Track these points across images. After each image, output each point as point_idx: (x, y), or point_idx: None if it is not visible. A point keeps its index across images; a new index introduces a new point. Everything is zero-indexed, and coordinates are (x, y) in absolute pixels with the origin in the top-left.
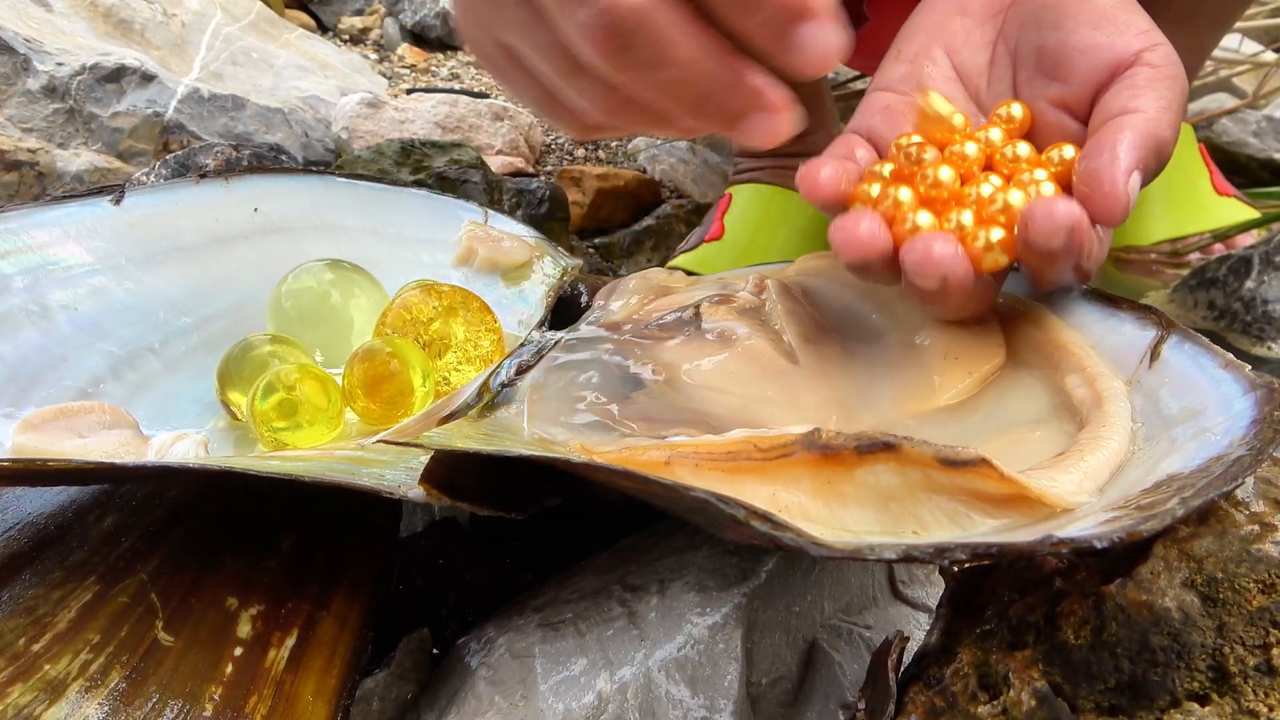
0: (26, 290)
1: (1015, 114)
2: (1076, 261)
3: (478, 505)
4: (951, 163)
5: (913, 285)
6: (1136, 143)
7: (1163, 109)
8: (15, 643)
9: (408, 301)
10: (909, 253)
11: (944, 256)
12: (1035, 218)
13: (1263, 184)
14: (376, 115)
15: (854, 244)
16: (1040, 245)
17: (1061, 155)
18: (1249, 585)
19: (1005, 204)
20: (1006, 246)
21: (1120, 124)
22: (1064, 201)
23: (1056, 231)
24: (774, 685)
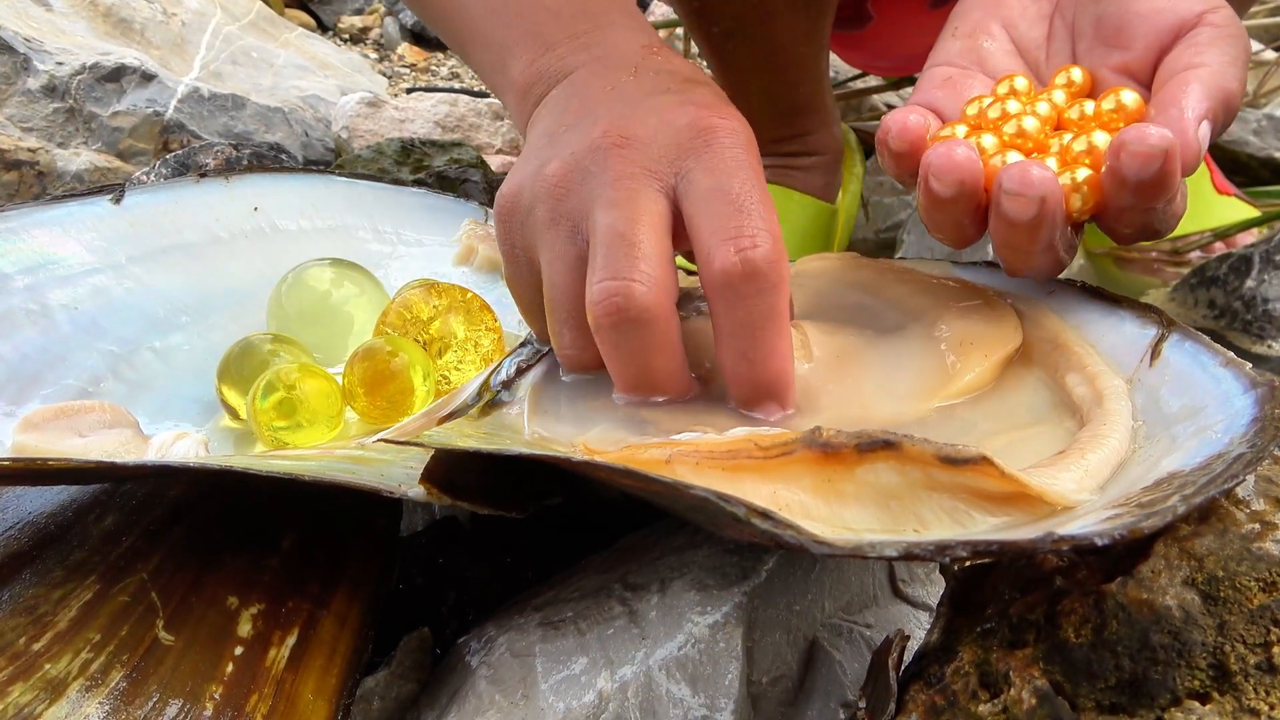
0: (27, 289)
1: (1076, 78)
2: (1159, 200)
3: (478, 504)
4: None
5: (1004, 219)
6: (1204, 94)
7: (1228, 63)
8: (16, 642)
9: (408, 300)
10: (1006, 175)
11: (1043, 178)
12: (1128, 141)
13: (1263, 183)
14: (376, 114)
15: (952, 166)
16: (1132, 171)
17: (1119, 100)
18: (1250, 583)
19: (1090, 145)
20: (1093, 187)
21: (1186, 77)
22: (1156, 127)
23: (1152, 155)
24: (775, 684)
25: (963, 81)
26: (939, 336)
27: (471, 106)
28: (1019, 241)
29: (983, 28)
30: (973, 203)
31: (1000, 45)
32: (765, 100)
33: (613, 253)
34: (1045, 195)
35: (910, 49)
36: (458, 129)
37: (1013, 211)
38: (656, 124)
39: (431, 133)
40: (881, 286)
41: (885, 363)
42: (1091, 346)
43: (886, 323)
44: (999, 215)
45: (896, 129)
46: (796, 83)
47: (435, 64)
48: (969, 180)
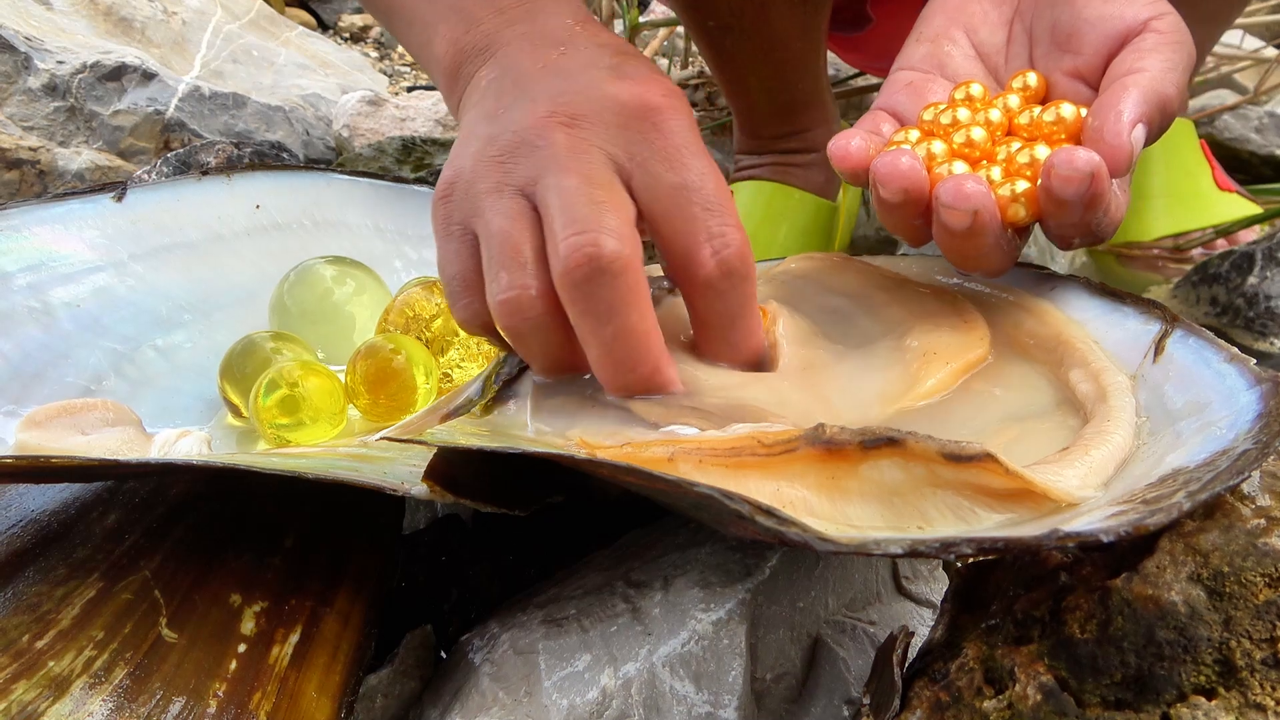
0: (29, 287)
1: (1031, 83)
2: (1095, 214)
3: (481, 502)
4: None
5: (943, 226)
6: (1140, 99)
7: (1167, 69)
8: (19, 639)
9: (410, 298)
10: (942, 188)
11: (976, 192)
12: (1056, 164)
13: (1264, 180)
14: (377, 113)
15: (897, 175)
16: (1060, 192)
17: (1059, 113)
18: (1255, 579)
19: (1032, 158)
20: (1030, 199)
21: (1125, 83)
22: (1084, 150)
23: (1077, 176)
24: (778, 681)
25: (924, 86)
26: (907, 347)
27: None
28: (958, 246)
29: (945, 33)
30: (920, 207)
31: (962, 50)
32: (764, 97)
33: (576, 210)
34: (978, 208)
35: None
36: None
37: (949, 222)
38: (599, 101)
39: (432, 131)
40: (863, 293)
41: (853, 371)
42: (1095, 342)
43: (862, 331)
44: (938, 223)
45: (837, 155)
46: (794, 79)
47: None
48: (913, 188)
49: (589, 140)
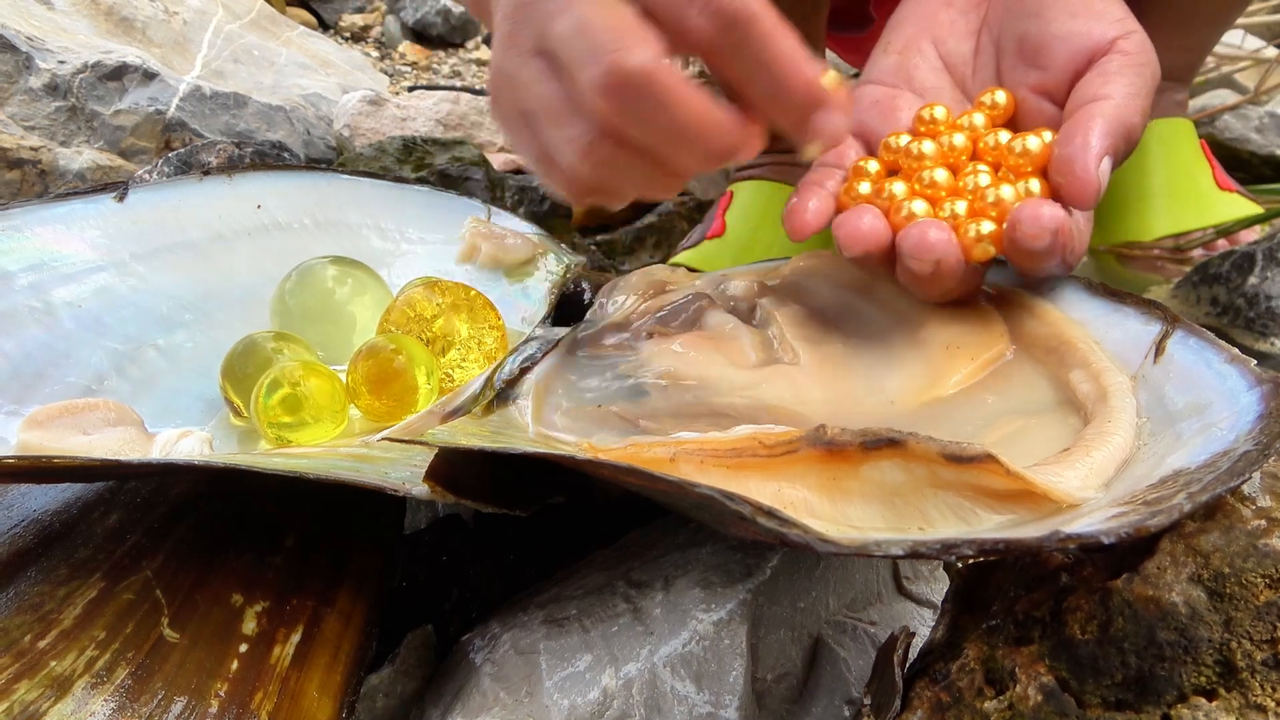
0: (30, 287)
1: (999, 100)
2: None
3: (481, 503)
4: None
5: (907, 270)
6: (1106, 130)
7: (1131, 95)
8: (21, 639)
9: (411, 298)
10: (905, 239)
11: (938, 242)
12: (1022, 220)
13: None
14: (378, 113)
15: (858, 238)
16: (1026, 245)
17: (1025, 145)
18: (1256, 580)
19: (997, 198)
20: (995, 239)
21: (1091, 111)
22: (1049, 205)
23: (1042, 233)
24: (779, 681)
25: (890, 104)
26: (925, 340)
27: (473, 104)
28: (922, 288)
29: (914, 44)
30: (885, 256)
31: (929, 62)
32: None
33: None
34: (940, 258)
35: None
36: (459, 127)
37: (913, 269)
38: None
39: (433, 131)
40: (871, 287)
41: (872, 366)
42: (1095, 343)
43: (874, 324)
44: (902, 267)
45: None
46: None
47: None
48: (875, 248)
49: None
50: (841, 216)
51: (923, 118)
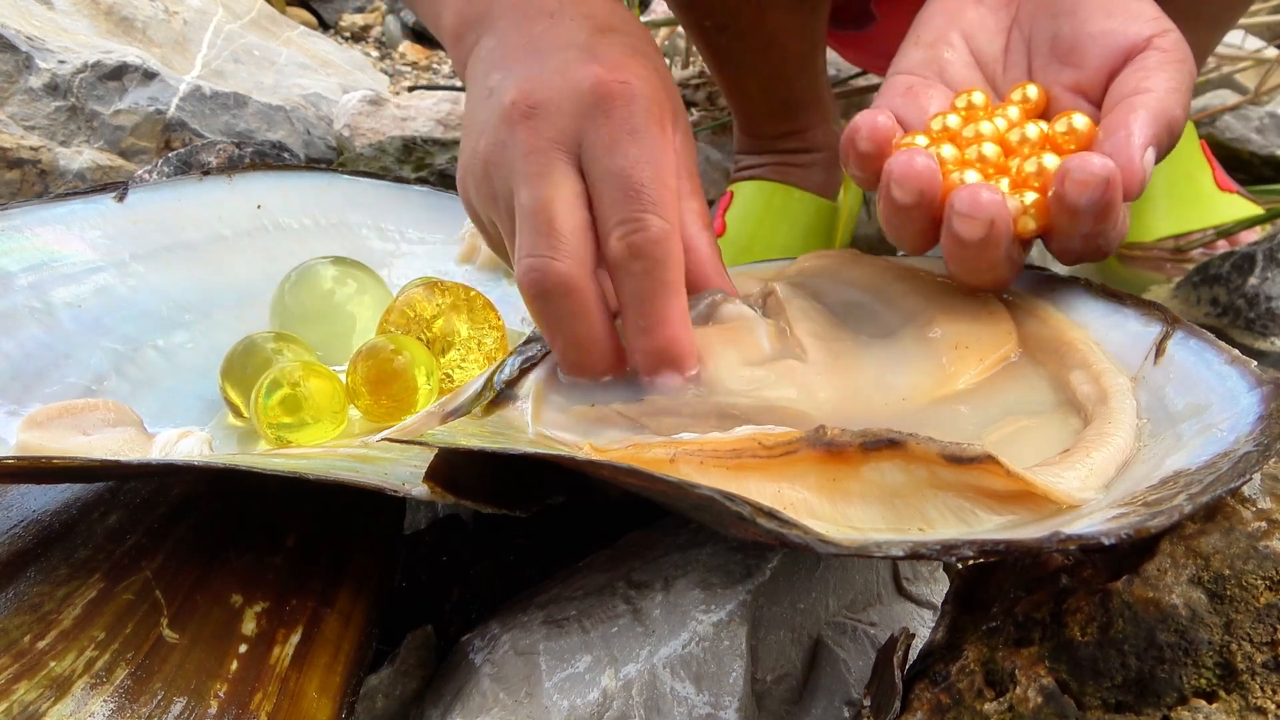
0: (30, 287)
1: (1031, 95)
2: (1101, 225)
3: (481, 503)
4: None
5: (954, 236)
6: (1149, 120)
7: (1172, 89)
8: (20, 640)
9: (411, 299)
10: (958, 197)
11: (992, 202)
12: (1072, 169)
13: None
14: (378, 113)
15: (913, 175)
16: (1075, 198)
17: (1070, 124)
18: (1256, 582)
19: (1040, 168)
20: (1040, 210)
21: (1134, 103)
22: (1099, 156)
23: (1093, 181)
24: (779, 682)
25: (923, 91)
26: (934, 338)
27: None
28: (967, 257)
29: (943, 38)
30: (930, 211)
31: (960, 56)
32: (762, 96)
33: (529, 232)
34: (994, 218)
35: None
36: (459, 127)
37: (963, 231)
38: (560, 87)
39: (433, 131)
40: (879, 285)
41: (881, 364)
42: (1095, 344)
43: (883, 322)
44: (950, 232)
45: (866, 129)
46: (793, 78)
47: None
48: (928, 190)
49: (545, 134)
50: (896, 155)
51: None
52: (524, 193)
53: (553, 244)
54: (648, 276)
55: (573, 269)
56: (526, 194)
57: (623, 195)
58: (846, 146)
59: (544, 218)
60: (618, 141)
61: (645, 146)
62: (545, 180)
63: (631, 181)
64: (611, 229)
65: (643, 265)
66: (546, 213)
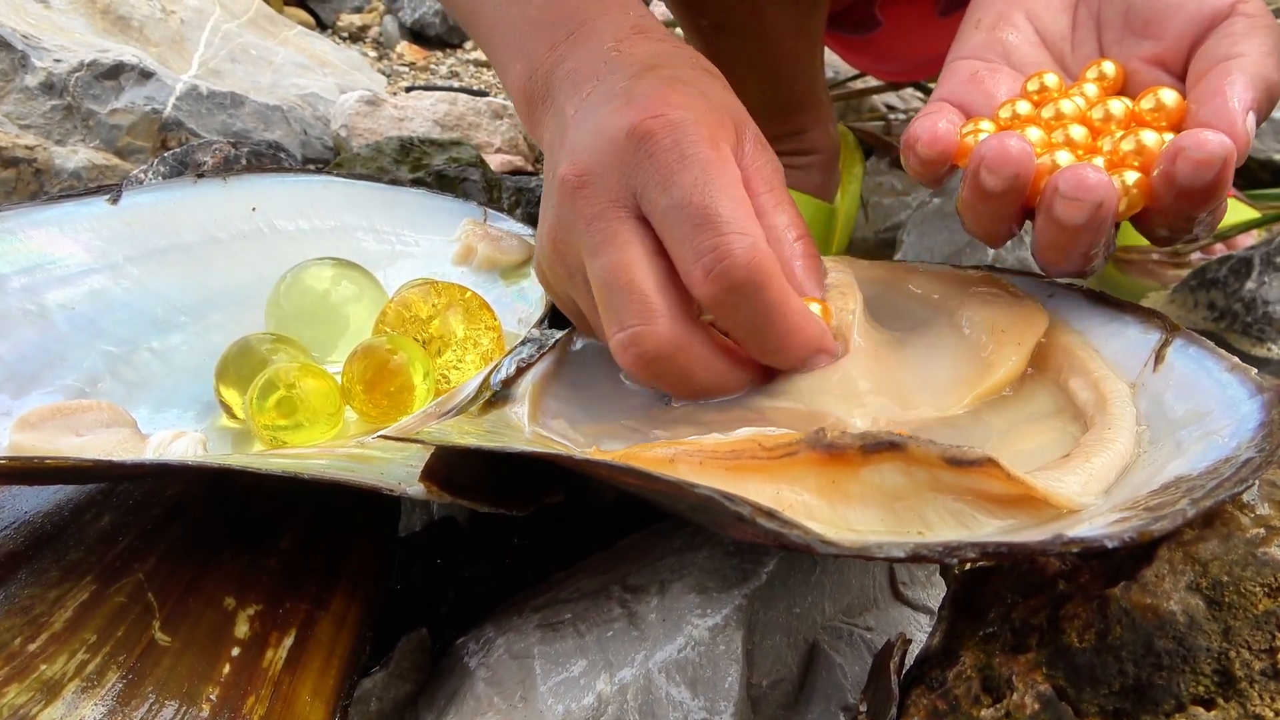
0: (24, 289)
1: (1108, 71)
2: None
3: (478, 502)
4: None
5: (1054, 220)
6: (1248, 83)
7: (1267, 53)
8: (11, 643)
9: (407, 299)
10: (1063, 179)
11: (1100, 183)
12: (1188, 147)
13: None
14: (375, 113)
15: (1009, 160)
16: (1188, 178)
17: (1158, 98)
18: (1255, 589)
19: (1140, 145)
20: (1144, 189)
21: (1228, 68)
22: (1213, 132)
23: (1211, 160)
24: (775, 687)
25: (989, 77)
26: (968, 325)
27: (471, 105)
28: (1066, 243)
29: (1006, 18)
30: (1020, 198)
31: (1025, 37)
32: (760, 97)
33: (612, 304)
34: (1101, 200)
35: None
36: (457, 128)
37: (1065, 215)
38: (600, 147)
39: (430, 131)
40: (895, 280)
41: (920, 355)
42: (1095, 351)
43: (913, 315)
44: (1050, 217)
45: (927, 137)
46: (790, 79)
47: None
48: (1023, 174)
49: (599, 199)
50: (989, 139)
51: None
52: (595, 264)
53: (640, 310)
54: (749, 304)
55: (669, 328)
56: (598, 265)
57: (691, 228)
58: (906, 152)
59: (622, 283)
60: (669, 174)
61: (699, 169)
62: (612, 245)
63: (694, 209)
64: (692, 268)
65: (739, 296)
66: (624, 277)
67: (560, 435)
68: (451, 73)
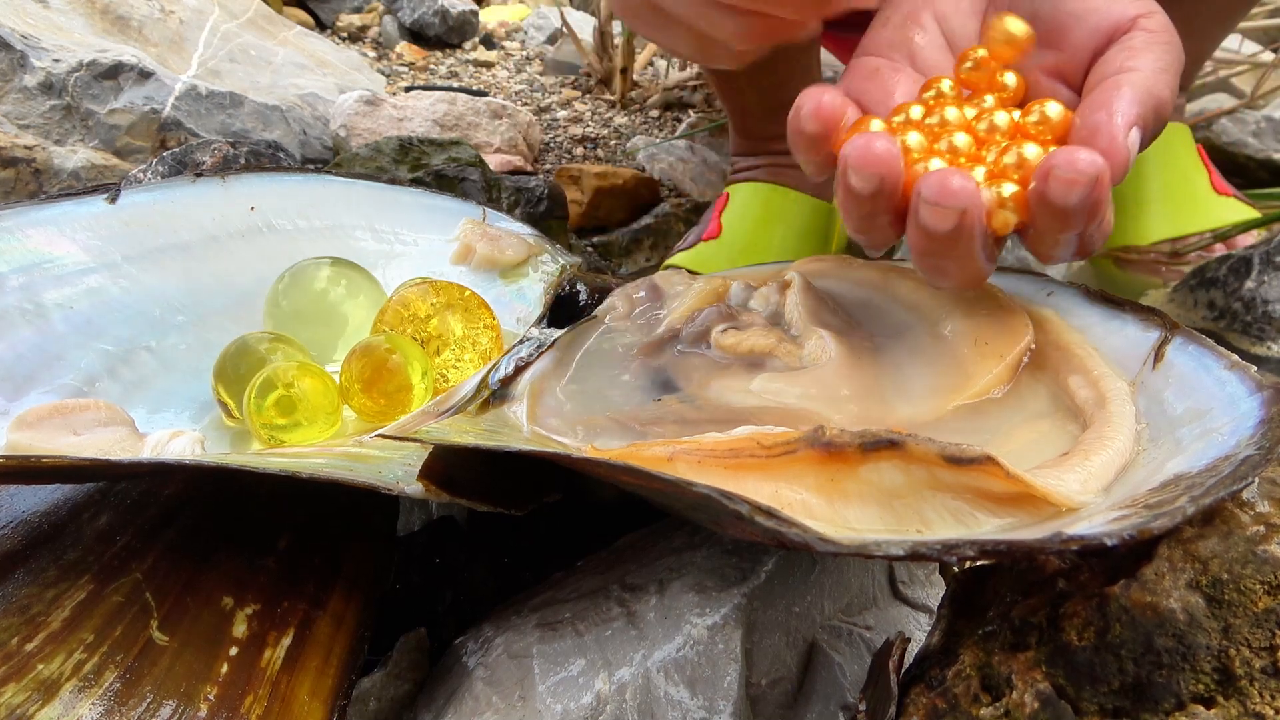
0: (21, 289)
1: (1008, 83)
2: (1088, 225)
3: (476, 501)
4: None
5: (921, 228)
6: (1134, 99)
7: (1160, 70)
8: (8, 642)
9: (405, 298)
10: (925, 183)
11: (963, 189)
12: (1057, 166)
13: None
14: (375, 113)
15: (871, 160)
16: (1060, 198)
17: (1043, 112)
18: (1255, 586)
19: (1020, 158)
20: (1019, 203)
21: (1118, 81)
22: (1086, 151)
23: (1081, 180)
24: (774, 686)
25: (890, 76)
26: (950, 334)
27: (470, 105)
28: (936, 251)
29: (914, 19)
30: (892, 202)
31: (931, 39)
32: (757, 98)
33: None
34: (966, 207)
35: None
36: (456, 127)
37: (930, 221)
38: None
39: (430, 131)
40: (887, 284)
41: (900, 362)
42: (1094, 349)
43: (896, 320)
44: (916, 224)
45: (809, 107)
46: (787, 79)
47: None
48: (889, 177)
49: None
50: (854, 138)
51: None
52: None
53: None
54: None
55: None
56: None
57: None
58: (791, 127)
59: None
60: None
61: None
62: None
63: None
64: None
65: None
66: None
67: (559, 434)
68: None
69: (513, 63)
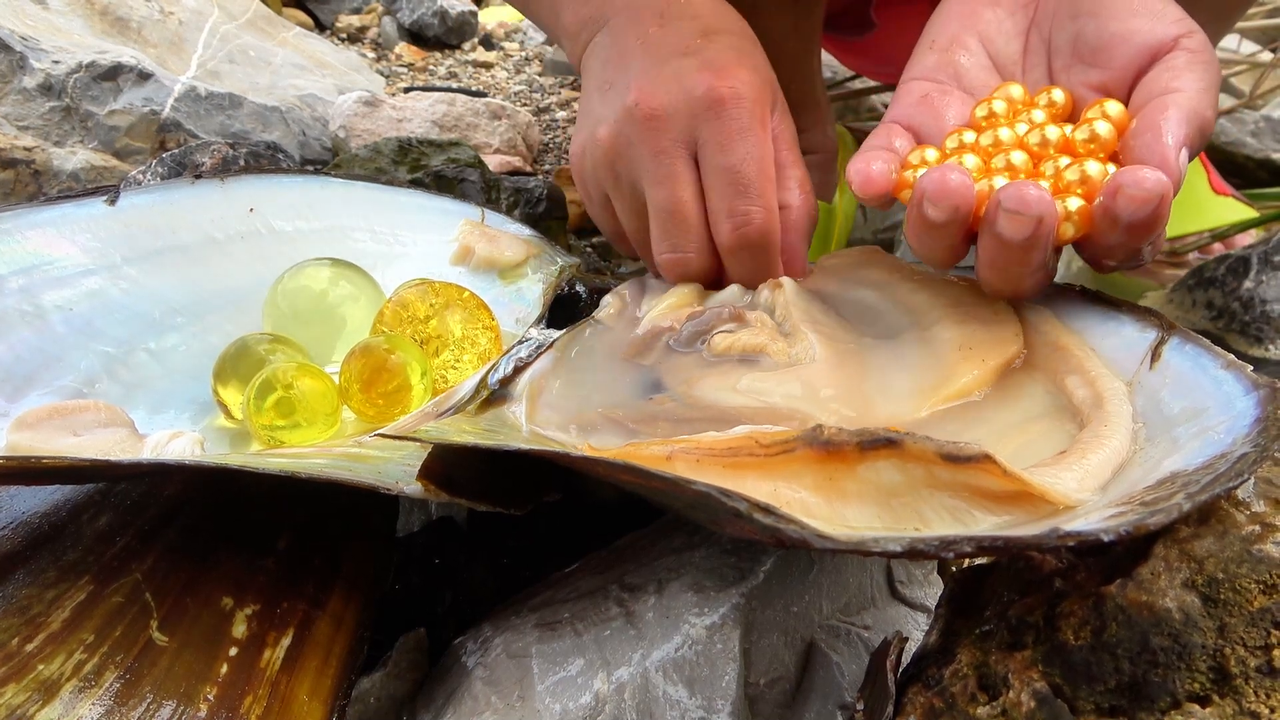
0: (21, 290)
1: (1057, 99)
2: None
3: (476, 501)
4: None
5: (996, 238)
6: (1182, 119)
7: (1203, 89)
8: (8, 642)
9: (405, 299)
10: (1005, 195)
11: (1040, 199)
12: (1125, 184)
13: (1260, 184)
14: (374, 114)
15: (948, 192)
16: (1126, 213)
17: (1093, 130)
18: (1250, 586)
19: (1084, 175)
20: (1084, 217)
21: (1165, 103)
22: (1151, 170)
23: (1146, 198)
24: (772, 686)
25: (940, 99)
26: (940, 340)
27: (469, 106)
28: (1008, 261)
29: (959, 41)
30: (964, 226)
31: (977, 60)
32: None
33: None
34: (1042, 215)
35: None
36: (455, 128)
37: (1008, 231)
38: (677, 93)
39: (429, 132)
40: (892, 285)
41: (885, 364)
42: (1091, 350)
43: (890, 323)
44: (992, 234)
45: (859, 180)
46: (787, 80)
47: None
48: (964, 205)
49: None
50: (930, 173)
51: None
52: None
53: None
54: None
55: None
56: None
57: (732, 190)
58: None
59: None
60: (728, 141)
61: (751, 144)
62: (675, 181)
63: (740, 177)
64: (723, 220)
65: (750, 253)
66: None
67: (558, 434)
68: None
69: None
